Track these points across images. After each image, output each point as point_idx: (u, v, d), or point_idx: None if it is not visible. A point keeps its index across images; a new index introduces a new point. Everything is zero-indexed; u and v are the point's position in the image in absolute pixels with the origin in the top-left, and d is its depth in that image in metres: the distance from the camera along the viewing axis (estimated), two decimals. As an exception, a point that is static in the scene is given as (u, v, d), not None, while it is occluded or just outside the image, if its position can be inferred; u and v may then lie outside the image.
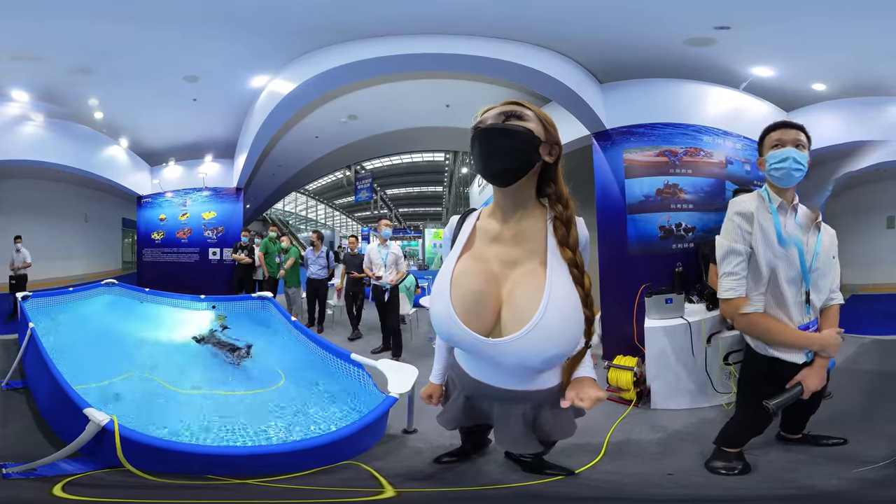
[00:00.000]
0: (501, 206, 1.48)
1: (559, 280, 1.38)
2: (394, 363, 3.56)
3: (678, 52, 4.79)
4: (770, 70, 5.08)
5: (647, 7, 4.26)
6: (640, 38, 4.71)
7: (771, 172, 2.36)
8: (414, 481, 2.53)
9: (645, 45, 4.82)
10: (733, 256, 2.34)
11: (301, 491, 2.21)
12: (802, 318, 2.37)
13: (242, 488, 2.25)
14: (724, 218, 2.45)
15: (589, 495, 2.47)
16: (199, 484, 2.27)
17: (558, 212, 1.43)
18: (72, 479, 2.24)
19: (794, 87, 5.29)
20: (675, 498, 2.52)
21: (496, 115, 1.43)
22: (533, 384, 1.57)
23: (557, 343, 1.36)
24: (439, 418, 1.89)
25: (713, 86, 5.39)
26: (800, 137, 2.34)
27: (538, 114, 1.45)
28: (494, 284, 1.43)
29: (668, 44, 4.73)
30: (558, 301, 1.35)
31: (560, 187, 1.45)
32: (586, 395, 1.39)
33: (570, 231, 1.42)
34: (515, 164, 1.39)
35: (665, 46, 4.78)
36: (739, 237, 2.34)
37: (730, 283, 2.34)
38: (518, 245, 1.45)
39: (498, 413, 1.68)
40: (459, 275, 1.46)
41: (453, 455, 2.75)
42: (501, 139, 1.38)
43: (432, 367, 1.97)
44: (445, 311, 1.42)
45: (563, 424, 1.70)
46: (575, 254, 1.41)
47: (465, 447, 2.72)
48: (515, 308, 1.37)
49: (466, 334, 1.40)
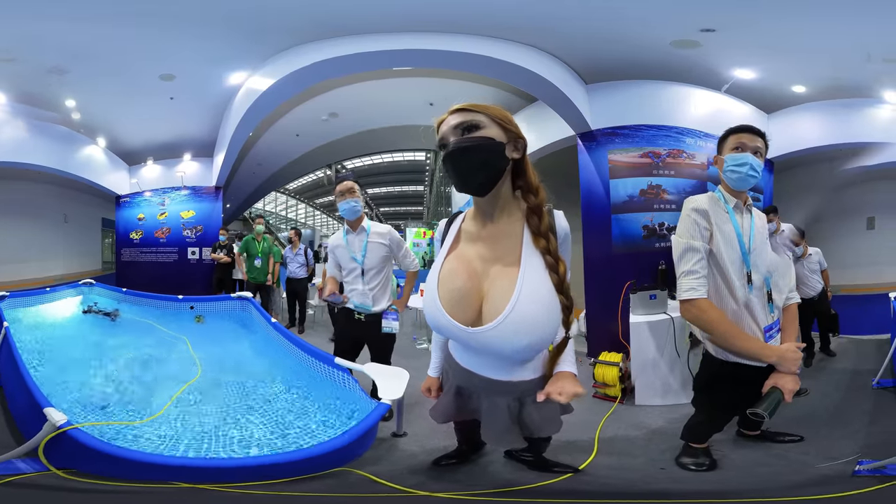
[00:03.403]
0: (481, 208, 1.54)
1: (532, 272, 1.42)
2: (382, 367, 3.20)
3: (663, 53, 4.85)
4: (751, 72, 5.17)
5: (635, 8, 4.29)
6: (627, 38, 4.75)
7: (727, 173, 2.33)
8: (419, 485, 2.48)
9: (631, 46, 4.86)
10: (692, 254, 2.20)
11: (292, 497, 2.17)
12: (767, 318, 2.31)
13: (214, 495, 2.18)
14: (680, 217, 2.35)
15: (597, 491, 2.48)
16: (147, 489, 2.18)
17: (530, 202, 1.47)
18: (13, 480, 2.17)
19: (775, 89, 5.39)
20: (671, 492, 2.53)
21: (452, 129, 1.45)
22: (516, 375, 1.60)
23: (530, 332, 1.40)
24: (432, 412, 1.91)
25: (696, 88, 5.48)
26: (760, 145, 2.31)
27: (491, 114, 1.46)
28: (476, 280, 1.48)
29: (654, 45, 4.78)
30: (530, 293, 1.39)
31: (529, 178, 1.49)
32: (564, 389, 1.45)
33: (541, 219, 1.46)
34: (488, 176, 1.44)
35: (651, 47, 4.83)
36: (697, 234, 2.22)
37: (689, 282, 2.19)
38: (497, 243, 1.50)
39: (485, 406, 1.70)
40: (445, 273, 1.53)
41: (451, 457, 2.71)
42: (469, 157, 1.42)
43: (430, 363, 2.00)
44: (434, 305, 1.50)
45: (548, 419, 1.70)
46: (548, 241, 1.45)
47: (461, 448, 2.69)
48: (492, 301, 1.43)
49: (451, 325, 1.46)
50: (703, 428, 2.71)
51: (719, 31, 4.44)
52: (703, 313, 2.18)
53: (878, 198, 6.26)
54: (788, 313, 2.45)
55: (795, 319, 2.47)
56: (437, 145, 1.50)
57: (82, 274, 8.50)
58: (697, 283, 2.18)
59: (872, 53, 4.63)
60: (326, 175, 17.73)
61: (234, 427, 3.07)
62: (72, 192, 8.93)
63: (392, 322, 3.44)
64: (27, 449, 2.29)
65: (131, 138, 8.10)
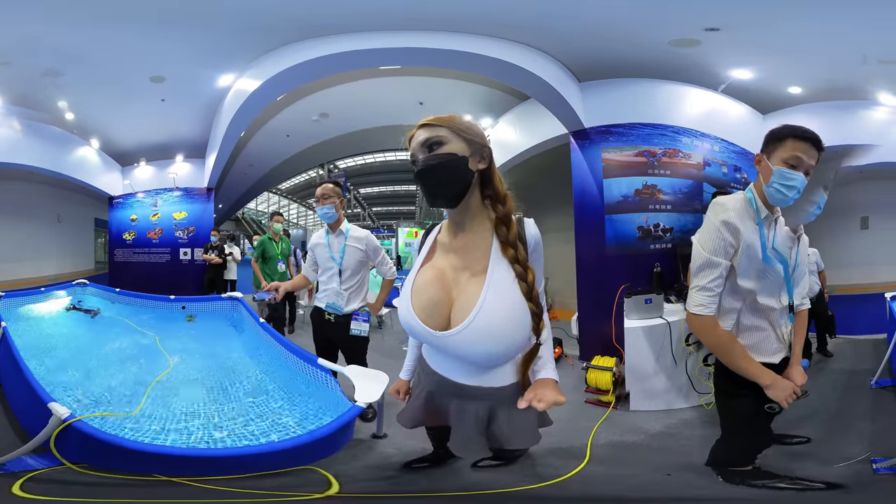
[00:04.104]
0: (453, 219, 1.59)
1: (499, 280, 1.47)
2: (363, 369, 3.22)
3: (660, 52, 4.79)
4: (749, 72, 5.12)
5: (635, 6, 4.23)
6: (623, 37, 4.69)
7: (771, 188, 2.05)
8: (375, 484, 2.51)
9: (627, 45, 4.81)
10: (710, 270, 2.06)
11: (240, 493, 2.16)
12: (787, 326, 2.22)
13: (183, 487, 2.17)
14: (706, 219, 2.15)
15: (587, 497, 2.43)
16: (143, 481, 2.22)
17: (498, 211, 1.52)
18: (33, 476, 2.20)
19: (771, 89, 5.34)
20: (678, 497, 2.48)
21: (420, 144, 1.51)
22: (486, 380, 1.61)
23: (496, 338, 1.44)
24: (399, 416, 1.91)
25: (692, 87, 5.42)
26: (814, 163, 2.04)
27: (454, 127, 1.51)
28: (446, 289, 1.53)
29: (651, 44, 4.73)
30: (495, 300, 1.44)
31: (496, 187, 1.54)
32: (544, 397, 1.44)
33: (509, 228, 1.50)
34: (454, 190, 1.49)
35: (648, 46, 4.77)
36: (721, 250, 2.05)
37: (702, 297, 2.08)
38: (467, 252, 1.55)
39: (454, 411, 1.69)
40: (419, 282, 1.59)
41: (424, 460, 2.68)
42: (435, 174, 1.48)
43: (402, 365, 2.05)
44: (407, 311, 1.55)
45: (521, 430, 1.66)
46: (517, 250, 1.48)
47: (437, 451, 2.62)
48: (459, 308, 1.48)
49: (422, 329, 1.51)
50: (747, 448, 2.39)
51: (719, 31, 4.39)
52: (707, 330, 2.11)
53: (873, 198, 6.24)
54: (799, 318, 2.38)
55: (805, 326, 2.41)
56: (410, 160, 1.56)
57: (75, 274, 8.59)
58: (709, 301, 2.07)
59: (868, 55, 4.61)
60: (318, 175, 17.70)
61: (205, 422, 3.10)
62: (65, 192, 9.03)
63: (362, 324, 3.46)
64: (35, 444, 2.34)
65: (124, 140, 8.16)
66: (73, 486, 2.17)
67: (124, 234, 8.64)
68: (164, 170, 8.61)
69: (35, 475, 2.21)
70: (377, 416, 3.25)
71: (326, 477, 2.35)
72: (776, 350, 2.19)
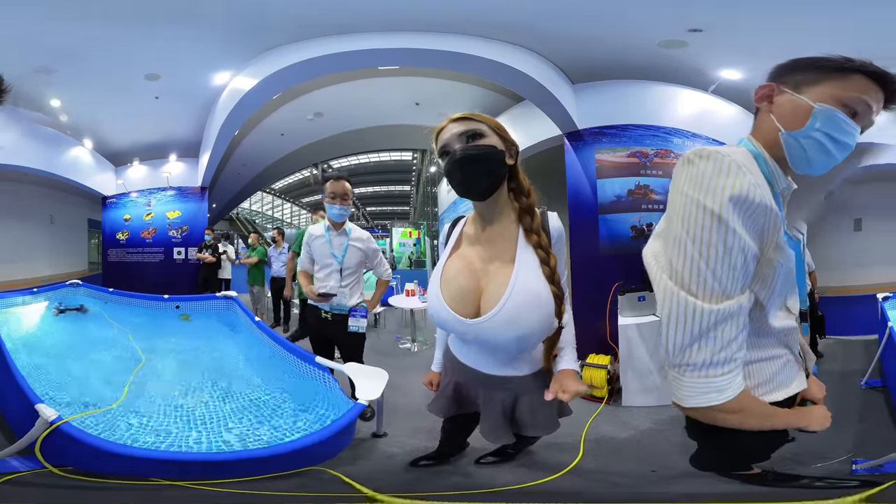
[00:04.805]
0: (480, 212, 1.66)
1: (525, 268, 1.53)
2: (361, 367, 3.16)
3: (651, 53, 4.83)
4: (737, 73, 5.15)
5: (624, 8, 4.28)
6: (614, 38, 4.74)
7: (812, 137, 1.16)
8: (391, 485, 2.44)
9: (619, 46, 4.85)
10: (722, 328, 1.08)
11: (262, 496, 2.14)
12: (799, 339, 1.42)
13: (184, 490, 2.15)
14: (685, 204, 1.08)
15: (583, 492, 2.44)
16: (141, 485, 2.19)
17: (522, 203, 1.60)
18: (13, 478, 2.16)
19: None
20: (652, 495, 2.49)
21: (457, 136, 1.56)
22: (510, 370, 1.69)
23: (523, 324, 1.51)
24: (430, 406, 1.97)
25: (683, 88, 5.45)
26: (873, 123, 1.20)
27: (490, 124, 1.59)
28: (475, 279, 1.59)
29: (641, 45, 4.77)
30: (523, 286, 1.51)
31: (521, 181, 1.62)
32: (567, 387, 1.52)
33: (532, 217, 1.58)
34: (491, 183, 1.56)
35: (639, 47, 4.81)
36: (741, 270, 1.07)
37: (716, 382, 1.11)
38: (494, 243, 1.62)
39: (483, 400, 1.77)
40: (448, 272, 1.65)
41: (430, 458, 2.66)
42: (477, 165, 1.53)
43: (433, 358, 2.09)
44: (437, 301, 1.62)
45: (544, 419, 1.75)
46: (539, 237, 1.56)
47: (442, 448, 2.61)
48: (489, 296, 1.54)
49: (453, 317, 1.58)
50: None
51: (706, 32, 4.43)
52: (742, 415, 1.17)
53: (866, 200, 6.28)
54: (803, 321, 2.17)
55: None
56: (438, 152, 1.61)
57: (69, 275, 8.52)
58: (732, 377, 1.12)
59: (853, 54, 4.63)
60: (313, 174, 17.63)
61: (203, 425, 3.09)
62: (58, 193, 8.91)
63: (360, 320, 3.36)
64: (21, 447, 2.32)
65: (118, 139, 8.10)
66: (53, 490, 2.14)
67: (118, 234, 8.55)
68: (157, 169, 8.52)
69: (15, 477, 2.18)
70: (376, 415, 3.21)
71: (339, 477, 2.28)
72: (798, 371, 1.40)
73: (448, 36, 4.90)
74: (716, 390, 1.11)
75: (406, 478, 2.58)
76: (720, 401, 1.12)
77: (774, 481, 1.75)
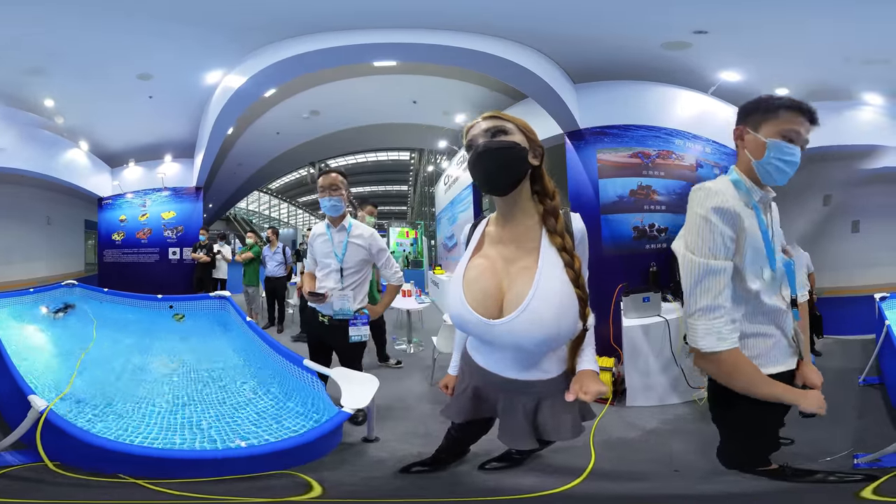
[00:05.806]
0: (502, 211, 1.66)
1: (549, 269, 1.53)
2: (352, 372, 3.02)
3: (653, 55, 4.84)
4: (737, 75, 5.17)
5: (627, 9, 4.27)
6: (617, 39, 4.74)
7: (768, 164, 1.71)
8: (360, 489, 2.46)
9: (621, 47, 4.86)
10: (713, 279, 1.62)
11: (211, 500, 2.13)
12: (792, 324, 1.87)
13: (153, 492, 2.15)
14: (689, 215, 1.72)
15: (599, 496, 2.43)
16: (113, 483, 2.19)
17: (547, 204, 1.60)
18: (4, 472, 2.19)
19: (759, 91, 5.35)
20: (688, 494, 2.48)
21: (483, 132, 1.59)
22: (532, 374, 1.67)
23: (547, 325, 1.49)
24: (445, 411, 1.97)
25: (684, 89, 5.47)
26: (809, 139, 1.74)
27: (517, 123, 1.61)
28: (497, 279, 1.59)
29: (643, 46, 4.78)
30: (546, 288, 1.50)
31: (545, 182, 1.63)
32: (588, 388, 1.50)
33: (557, 219, 1.58)
34: (512, 177, 1.56)
35: (640, 48, 4.82)
36: (721, 246, 1.63)
37: (712, 323, 1.62)
38: (517, 244, 1.61)
39: (502, 405, 1.76)
40: (470, 273, 1.65)
41: (424, 464, 2.58)
42: (497, 158, 1.55)
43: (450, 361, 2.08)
44: (459, 300, 1.62)
45: (567, 424, 1.70)
46: (564, 239, 1.55)
47: (438, 455, 2.55)
48: (512, 297, 1.54)
49: (473, 317, 1.57)
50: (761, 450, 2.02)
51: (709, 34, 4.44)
52: (735, 368, 1.66)
53: (864, 202, 6.30)
54: (802, 312, 2.12)
55: (807, 319, 2.16)
56: (465, 147, 1.63)
57: (66, 275, 8.52)
58: (722, 325, 1.61)
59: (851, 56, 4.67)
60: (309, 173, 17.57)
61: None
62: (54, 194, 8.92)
63: (361, 328, 3.12)
64: (13, 439, 2.35)
65: (113, 141, 8.11)
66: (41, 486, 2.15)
67: (113, 234, 8.60)
68: (152, 170, 8.55)
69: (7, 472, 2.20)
70: (367, 420, 3.13)
71: (307, 481, 2.29)
72: (789, 354, 1.84)
73: (450, 33, 4.87)
74: (716, 334, 1.61)
75: (396, 484, 2.51)
76: (720, 347, 1.60)
77: (792, 476, 2.09)
